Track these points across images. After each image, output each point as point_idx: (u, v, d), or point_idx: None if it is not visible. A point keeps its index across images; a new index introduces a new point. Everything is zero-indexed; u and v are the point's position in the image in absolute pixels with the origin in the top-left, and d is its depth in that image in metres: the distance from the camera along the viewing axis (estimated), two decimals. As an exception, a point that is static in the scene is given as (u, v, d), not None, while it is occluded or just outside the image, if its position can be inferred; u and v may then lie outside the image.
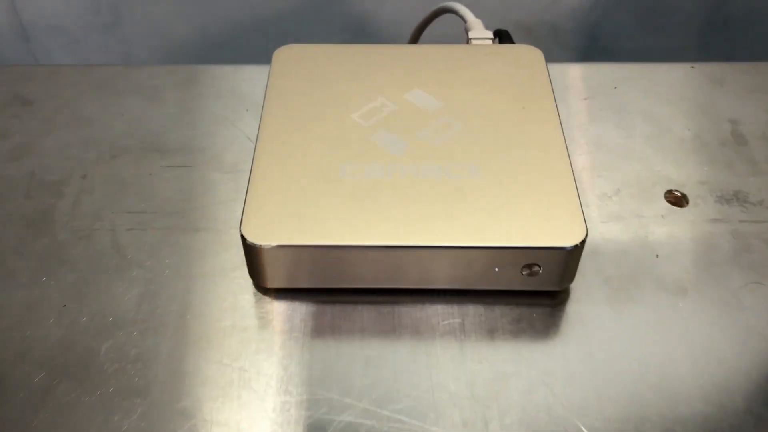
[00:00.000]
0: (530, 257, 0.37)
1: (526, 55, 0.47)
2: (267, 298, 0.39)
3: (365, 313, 0.38)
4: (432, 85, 0.45)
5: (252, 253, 0.37)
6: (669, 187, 0.44)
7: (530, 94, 0.44)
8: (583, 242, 0.36)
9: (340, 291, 0.39)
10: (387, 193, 0.38)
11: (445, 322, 0.38)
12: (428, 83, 0.45)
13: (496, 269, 0.37)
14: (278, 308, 0.38)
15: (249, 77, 0.52)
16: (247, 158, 0.46)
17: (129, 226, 0.42)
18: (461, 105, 0.43)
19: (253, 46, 0.87)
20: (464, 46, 0.48)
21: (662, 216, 0.43)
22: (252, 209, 0.37)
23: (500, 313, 0.38)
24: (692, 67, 0.53)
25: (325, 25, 0.88)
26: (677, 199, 0.44)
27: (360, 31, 0.87)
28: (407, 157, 0.40)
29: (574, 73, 0.52)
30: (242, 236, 0.36)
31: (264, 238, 0.36)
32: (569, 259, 0.37)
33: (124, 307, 0.38)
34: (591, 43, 0.92)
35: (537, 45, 0.47)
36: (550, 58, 0.47)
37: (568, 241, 0.36)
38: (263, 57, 0.48)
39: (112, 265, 0.40)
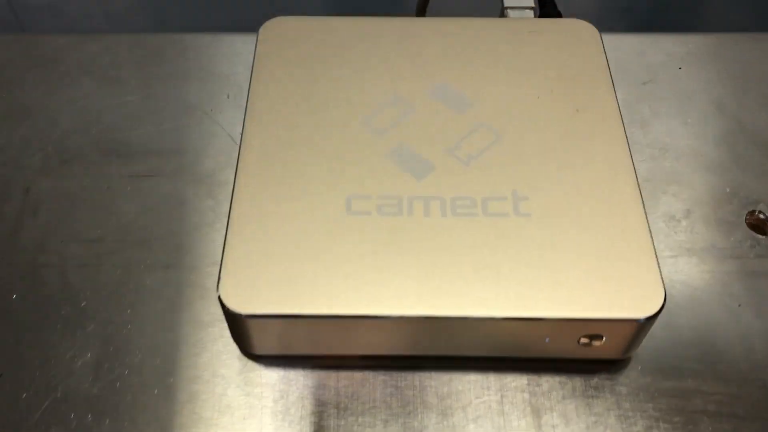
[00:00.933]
0: (591, 329, 0.29)
1: (577, 33, 0.37)
2: (255, 366, 0.31)
3: (378, 387, 0.30)
4: (461, 76, 0.35)
5: (234, 321, 0.29)
6: (751, 207, 0.36)
7: (585, 89, 0.34)
8: (660, 311, 0.28)
9: (347, 356, 0.31)
10: (405, 242, 0.29)
11: (480, 399, 0.30)
12: (457, 74, 0.35)
13: (547, 340, 0.29)
14: (269, 379, 0.31)
15: (229, 51, 0.42)
16: (229, 163, 0.37)
17: (82, 261, 0.34)
18: (498, 106, 0.34)
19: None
20: (500, 22, 0.38)
21: (743, 248, 0.35)
22: (232, 266, 0.29)
23: (548, 386, 0.31)
24: (774, 40, 0.43)
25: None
26: (761, 224, 0.36)
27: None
28: (431, 184, 0.31)
29: (629, 46, 0.43)
30: (221, 301, 0.28)
31: (248, 305, 0.28)
32: (640, 329, 0.29)
33: (76, 377, 0.30)
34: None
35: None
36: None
37: (642, 311, 0.28)
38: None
39: (60, 317, 0.32)
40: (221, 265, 0.29)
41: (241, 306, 0.28)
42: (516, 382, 0.31)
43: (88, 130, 0.38)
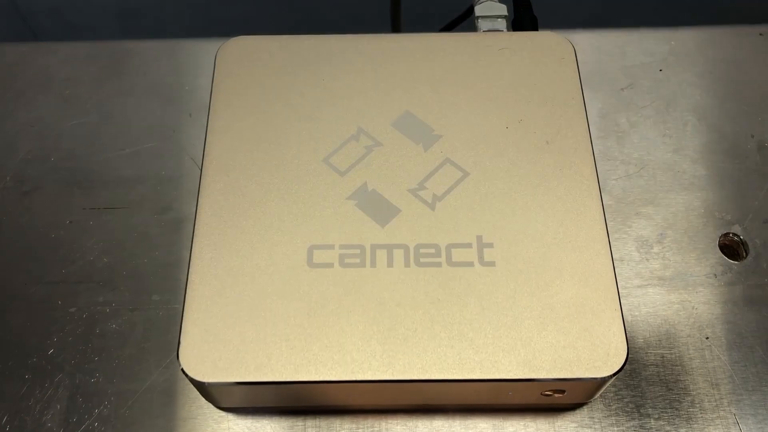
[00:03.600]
0: (553, 386, 0.29)
1: (550, 50, 0.35)
2: (224, 416, 0.31)
3: (345, 435, 0.31)
4: (428, 102, 0.34)
5: (198, 385, 0.29)
6: (725, 229, 0.35)
7: (557, 117, 0.33)
8: (622, 367, 0.28)
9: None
10: (368, 300, 0.29)
11: (444, 446, 0.31)
12: (424, 100, 0.34)
13: (510, 393, 0.29)
14: (238, 429, 0.31)
15: (191, 62, 0.40)
16: (192, 191, 0.36)
17: (47, 305, 0.33)
18: (466, 139, 0.33)
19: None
20: (469, 37, 0.36)
21: (715, 275, 0.34)
22: (192, 332, 0.28)
23: (513, 430, 0.31)
24: (761, 35, 0.41)
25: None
26: (734, 245, 0.35)
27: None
28: (395, 230, 0.31)
29: (610, 45, 0.41)
30: (182, 370, 0.28)
31: (210, 373, 0.28)
32: (601, 384, 0.29)
33: (46, 430, 0.31)
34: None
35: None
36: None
37: (603, 370, 0.28)
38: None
39: (28, 365, 0.32)
40: (180, 330, 0.28)
41: (202, 374, 0.28)
42: (481, 425, 0.31)
43: (47, 158, 0.37)
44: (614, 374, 0.28)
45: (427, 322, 0.29)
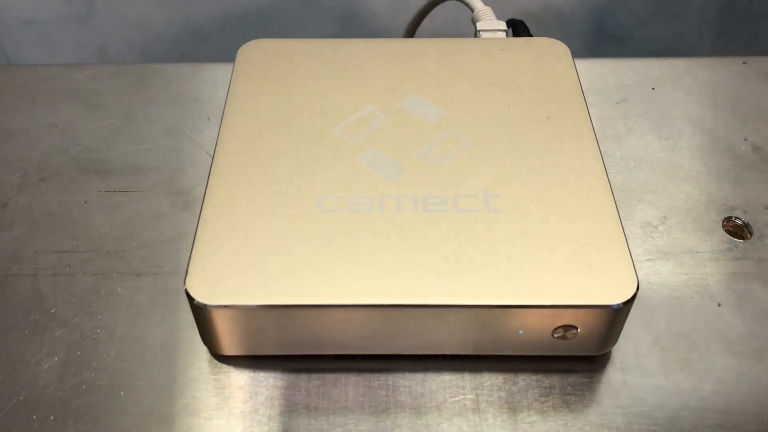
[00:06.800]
0: (565, 318, 0.28)
1: (547, 50, 0.38)
2: (225, 368, 0.30)
3: (350, 387, 0.30)
4: (433, 89, 0.36)
5: (201, 315, 0.28)
6: (727, 213, 0.36)
7: (556, 99, 0.35)
8: (633, 298, 0.28)
9: (318, 356, 0.30)
10: (376, 235, 0.29)
11: (454, 399, 0.29)
12: (428, 87, 0.36)
13: (521, 332, 0.29)
14: (239, 381, 0.30)
15: (212, 78, 0.43)
16: (205, 179, 0.37)
17: (55, 271, 0.33)
18: (470, 114, 0.34)
19: (238, 37, 0.78)
20: (472, 40, 0.39)
21: (722, 251, 0.34)
22: (201, 258, 0.28)
23: (524, 384, 0.30)
24: (744, 63, 0.44)
25: (316, 15, 0.79)
26: (738, 229, 0.35)
27: (352, 21, 0.78)
28: (403, 184, 0.31)
29: (603, 70, 0.44)
30: (187, 293, 0.28)
31: (215, 296, 0.28)
32: (615, 319, 0.28)
33: (41, 380, 0.30)
34: (599, 32, 0.84)
35: (542, 33, 0.39)
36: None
37: (615, 298, 0.28)
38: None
39: (29, 322, 0.32)
40: (189, 259, 0.28)
41: (207, 297, 0.27)
42: (491, 380, 0.30)
43: (69, 150, 0.39)
44: (626, 303, 0.27)
45: (435, 255, 0.29)
